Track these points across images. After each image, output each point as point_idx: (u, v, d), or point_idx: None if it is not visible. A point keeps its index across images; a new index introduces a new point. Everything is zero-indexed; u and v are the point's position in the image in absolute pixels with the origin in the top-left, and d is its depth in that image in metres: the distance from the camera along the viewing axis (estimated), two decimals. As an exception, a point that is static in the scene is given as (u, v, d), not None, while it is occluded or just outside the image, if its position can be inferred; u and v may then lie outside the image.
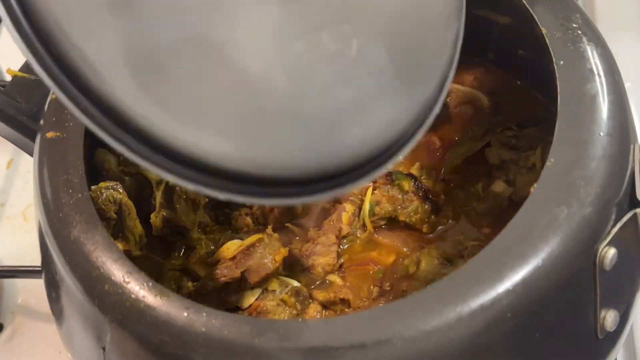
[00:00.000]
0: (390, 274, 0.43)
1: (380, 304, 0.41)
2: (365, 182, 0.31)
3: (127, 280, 0.34)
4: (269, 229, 0.43)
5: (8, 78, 0.45)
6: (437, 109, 0.32)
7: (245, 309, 0.41)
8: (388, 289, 0.42)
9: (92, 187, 0.39)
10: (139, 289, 0.34)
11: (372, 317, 0.31)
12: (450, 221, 0.45)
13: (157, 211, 0.44)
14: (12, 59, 0.46)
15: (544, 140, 0.42)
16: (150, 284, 0.34)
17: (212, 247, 0.45)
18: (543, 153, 0.43)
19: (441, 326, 0.31)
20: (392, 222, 0.46)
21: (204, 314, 0.32)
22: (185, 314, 0.32)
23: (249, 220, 0.46)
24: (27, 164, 0.43)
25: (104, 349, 0.35)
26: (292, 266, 0.44)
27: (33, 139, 0.42)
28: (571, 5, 0.40)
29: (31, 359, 0.53)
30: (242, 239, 0.44)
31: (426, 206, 0.45)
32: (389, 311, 0.31)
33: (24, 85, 0.44)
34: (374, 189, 0.46)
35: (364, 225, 0.45)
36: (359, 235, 0.45)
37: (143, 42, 0.28)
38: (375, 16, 0.31)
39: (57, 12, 0.27)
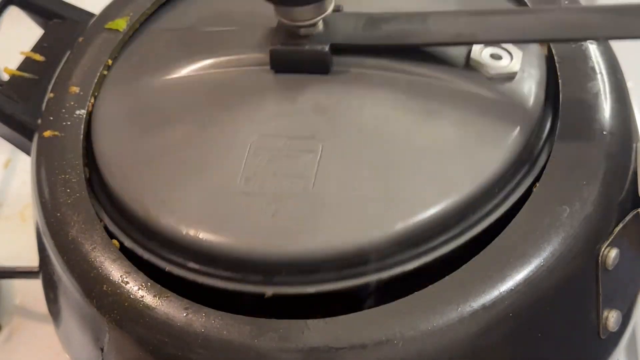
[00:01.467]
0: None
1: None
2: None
3: (125, 280, 0.34)
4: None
5: (6, 77, 0.45)
6: None
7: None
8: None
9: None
10: (138, 289, 0.33)
11: (372, 317, 0.31)
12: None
13: None
14: (10, 58, 0.45)
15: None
16: (149, 284, 0.33)
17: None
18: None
19: (442, 326, 0.31)
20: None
21: (204, 314, 0.32)
22: (185, 314, 0.32)
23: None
24: (25, 164, 0.42)
25: (102, 349, 0.35)
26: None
27: (31, 138, 0.42)
28: (574, 3, 0.40)
29: (29, 360, 0.53)
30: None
31: None
32: (389, 311, 0.31)
33: (21, 84, 0.44)
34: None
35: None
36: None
37: None
38: None
39: None
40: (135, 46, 0.43)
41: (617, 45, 0.40)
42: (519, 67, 0.37)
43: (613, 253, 0.34)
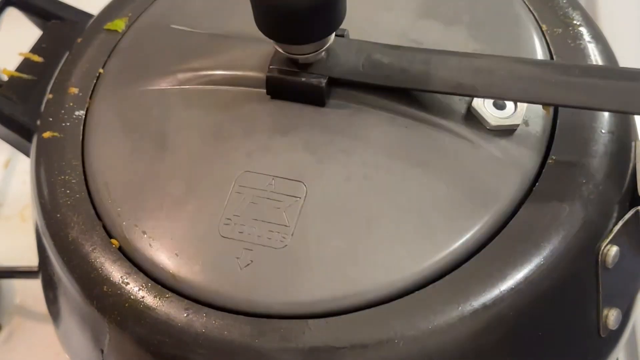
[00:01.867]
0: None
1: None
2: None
3: (125, 281, 0.34)
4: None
5: (4, 78, 0.45)
6: None
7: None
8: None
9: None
10: (138, 289, 0.33)
11: (373, 317, 0.31)
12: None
13: None
14: (9, 59, 0.45)
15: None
16: (150, 284, 0.33)
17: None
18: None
19: (443, 325, 0.31)
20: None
21: (204, 314, 0.32)
22: (185, 315, 0.32)
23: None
24: (25, 164, 0.42)
25: (102, 350, 0.35)
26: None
27: (30, 140, 0.42)
28: (572, 2, 0.40)
29: (29, 361, 0.53)
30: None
31: None
32: (390, 310, 0.31)
33: (20, 85, 0.44)
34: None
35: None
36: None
37: None
38: None
39: None
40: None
41: (616, 45, 0.40)
42: (521, 120, 0.35)
43: (613, 251, 0.34)
